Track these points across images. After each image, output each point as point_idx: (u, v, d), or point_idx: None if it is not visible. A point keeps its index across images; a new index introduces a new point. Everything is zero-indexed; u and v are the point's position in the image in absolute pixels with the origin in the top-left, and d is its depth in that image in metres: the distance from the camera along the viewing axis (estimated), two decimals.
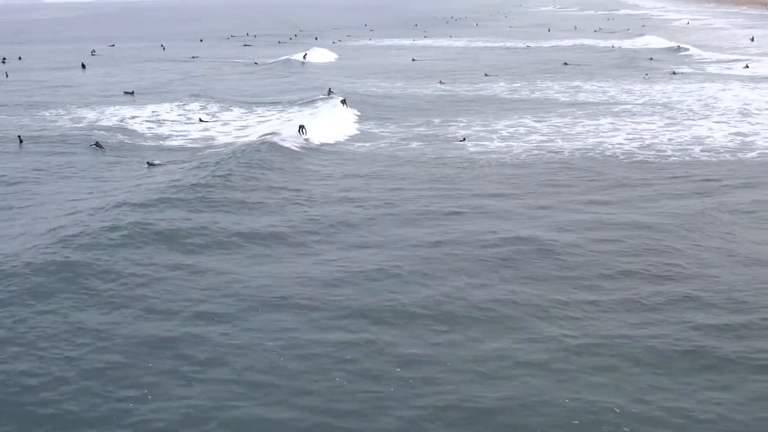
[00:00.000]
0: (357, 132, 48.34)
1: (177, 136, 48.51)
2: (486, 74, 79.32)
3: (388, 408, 16.08)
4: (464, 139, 45.29)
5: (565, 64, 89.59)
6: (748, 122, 49.71)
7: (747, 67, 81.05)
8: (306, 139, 44.11)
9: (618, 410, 15.81)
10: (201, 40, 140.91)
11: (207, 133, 48.87)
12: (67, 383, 17.00)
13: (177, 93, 67.37)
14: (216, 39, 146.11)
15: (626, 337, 19.02)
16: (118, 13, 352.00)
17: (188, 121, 53.06)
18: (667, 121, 50.41)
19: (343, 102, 55.62)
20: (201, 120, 53.13)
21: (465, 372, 17.43)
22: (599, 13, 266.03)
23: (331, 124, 48.89)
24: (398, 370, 17.52)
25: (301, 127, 45.09)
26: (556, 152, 41.46)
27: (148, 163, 39.98)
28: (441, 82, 72.49)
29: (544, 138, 45.66)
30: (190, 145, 45.54)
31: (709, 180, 34.77)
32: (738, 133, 45.95)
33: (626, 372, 17.37)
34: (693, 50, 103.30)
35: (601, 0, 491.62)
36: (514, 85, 71.74)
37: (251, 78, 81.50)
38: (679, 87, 67.04)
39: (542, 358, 18.04)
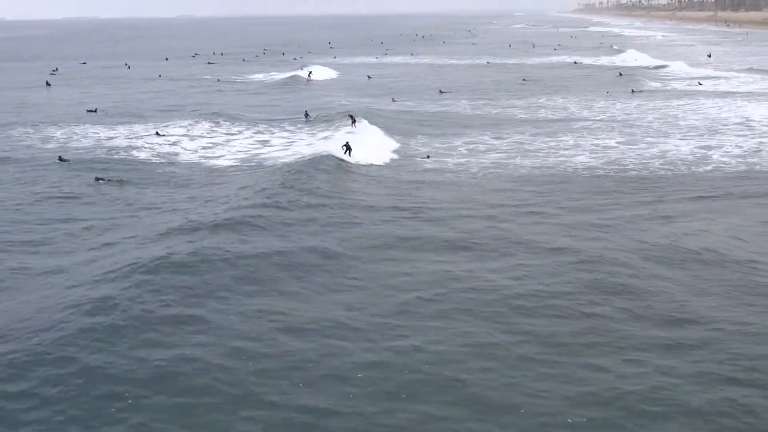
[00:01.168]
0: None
1: (140, 150, 48.87)
2: (441, 91, 79.96)
3: None
4: (428, 156, 45.99)
5: (524, 80, 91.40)
6: (711, 138, 50.71)
7: (700, 84, 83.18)
8: (354, 160, 42.83)
9: None
10: (166, 59, 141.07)
11: (170, 149, 49.00)
12: None
13: (143, 111, 67.61)
14: (181, 57, 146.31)
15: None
16: (85, 32, 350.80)
17: (147, 136, 53.31)
18: (627, 138, 51.17)
19: (352, 118, 54.86)
20: (158, 134, 53.58)
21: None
22: (562, 30, 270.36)
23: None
24: None
25: (347, 146, 43.65)
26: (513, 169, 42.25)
27: (96, 178, 40.16)
28: (393, 100, 72.97)
29: (503, 155, 46.45)
30: (153, 160, 45.97)
31: (662, 199, 35.34)
32: (703, 147, 47.10)
33: None
34: (652, 67, 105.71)
35: (571, 18, 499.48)
36: (476, 101, 72.76)
37: (220, 95, 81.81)
38: (642, 104, 68.00)
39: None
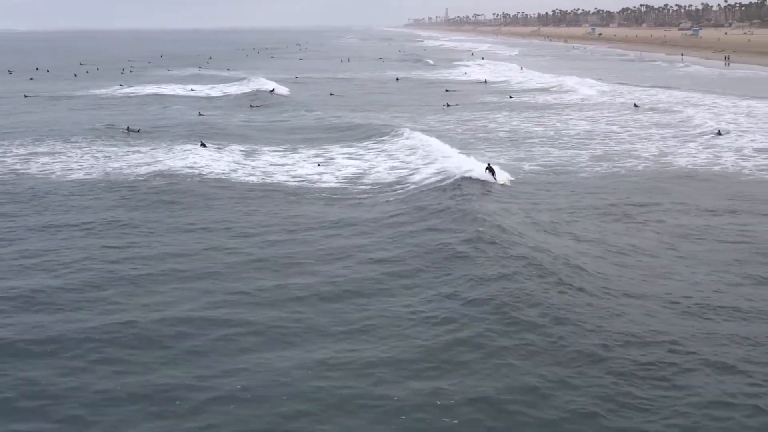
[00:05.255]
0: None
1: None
2: (251, 105, 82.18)
3: None
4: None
5: (331, 94, 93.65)
6: (518, 149, 52.54)
7: (511, 97, 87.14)
8: (500, 182, 40.04)
9: None
10: None
11: None
12: None
13: None
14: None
15: None
16: None
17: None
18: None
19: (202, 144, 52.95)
20: None
21: None
22: (392, 44, 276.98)
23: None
24: None
25: (491, 169, 40.74)
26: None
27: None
28: (200, 114, 73.26)
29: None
30: None
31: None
32: (513, 159, 48.35)
33: None
34: (479, 81, 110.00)
35: (401, 32, 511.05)
36: (284, 115, 73.91)
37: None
38: (459, 116, 70.36)
39: None
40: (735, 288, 24.39)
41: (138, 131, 61.13)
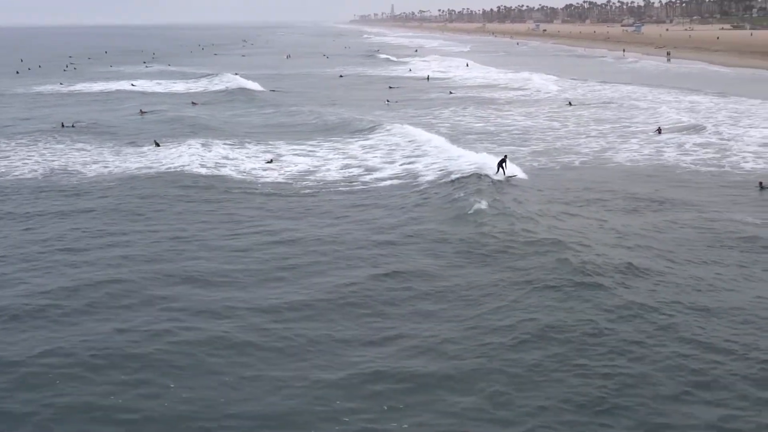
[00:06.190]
0: None
1: None
2: (193, 102, 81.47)
3: None
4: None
5: (272, 91, 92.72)
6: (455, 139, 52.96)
7: (451, 93, 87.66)
8: (508, 178, 39.25)
9: None
10: None
11: None
12: None
13: None
14: None
15: None
16: None
17: None
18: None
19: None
20: None
21: None
22: (338, 41, 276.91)
23: None
24: None
25: (502, 162, 39.81)
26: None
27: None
28: (142, 112, 71.90)
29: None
30: None
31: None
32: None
33: None
34: (423, 78, 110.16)
35: (348, 29, 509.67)
36: (234, 111, 73.94)
37: None
38: (402, 113, 70.39)
39: None
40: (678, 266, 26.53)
41: (72, 126, 60.80)
